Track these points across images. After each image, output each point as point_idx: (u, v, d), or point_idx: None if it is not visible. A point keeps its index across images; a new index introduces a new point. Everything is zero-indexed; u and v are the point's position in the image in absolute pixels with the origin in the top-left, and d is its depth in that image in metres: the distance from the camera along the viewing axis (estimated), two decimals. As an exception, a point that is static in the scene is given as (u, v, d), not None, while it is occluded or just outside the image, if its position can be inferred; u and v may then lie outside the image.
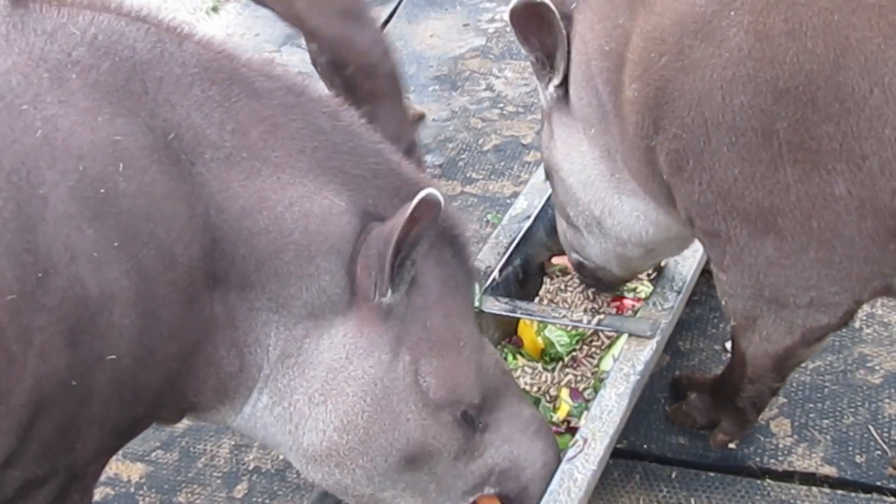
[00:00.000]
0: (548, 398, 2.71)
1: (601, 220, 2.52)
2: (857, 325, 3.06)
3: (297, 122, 1.98)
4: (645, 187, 2.33)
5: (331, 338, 2.04)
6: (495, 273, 2.89)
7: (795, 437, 2.80)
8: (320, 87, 4.21)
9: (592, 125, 2.35)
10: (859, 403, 2.86)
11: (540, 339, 2.90)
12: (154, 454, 3.03)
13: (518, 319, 2.91)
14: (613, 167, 2.39)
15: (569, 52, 2.32)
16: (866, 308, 3.05)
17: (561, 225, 2.79)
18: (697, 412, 2.80)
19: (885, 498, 2.64)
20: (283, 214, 1.94)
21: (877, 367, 2.94)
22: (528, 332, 2.94)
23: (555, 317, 2.76)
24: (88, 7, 1.85)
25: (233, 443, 3.03)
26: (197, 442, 3.05)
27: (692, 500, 2.68)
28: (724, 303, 2.37)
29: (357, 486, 2.15)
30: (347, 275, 2.01)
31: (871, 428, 2.79)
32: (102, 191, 1.71)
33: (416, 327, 2.07)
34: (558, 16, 2.26)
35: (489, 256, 2.94)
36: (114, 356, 1.76)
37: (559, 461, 2.33)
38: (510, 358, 2.84)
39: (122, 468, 2.98)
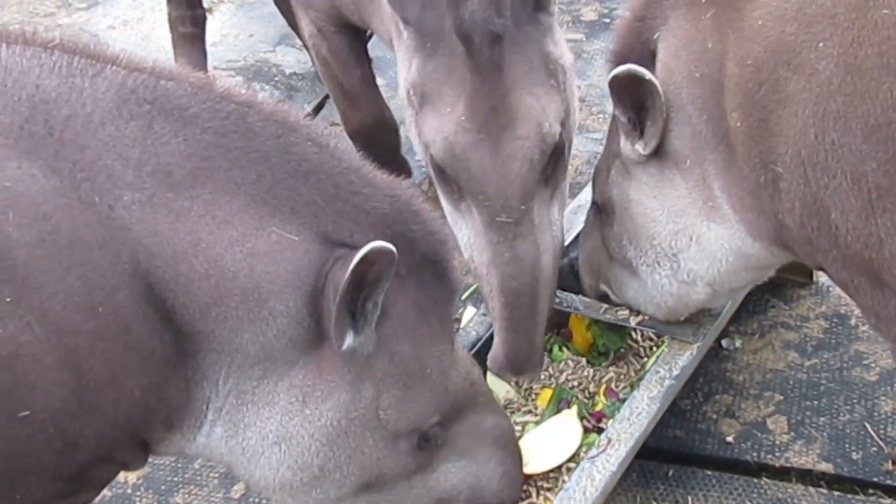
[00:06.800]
0: (587, 394, 2.66)
1: (679, 252, 2.34)
2: (852, 322, 3.06)
3: (233, 150, 1.84)
4: (743, 216, 2.18)
5: (290, 379, 1.94)
6: None
7: (792, 434, 2.80)
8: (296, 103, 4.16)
9: (686, 157, 2.21)
10: (855, 400, 2.86)
11: (590, 334, 2.84)
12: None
13: (570, 312, 2.83)
14: (708, 195, 2.22)
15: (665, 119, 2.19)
16: (862, 305, 3.05)
17: (588, 260, 2.66)
18: None
19: (880, 494, 2.64)
20: (223, 256, 1.81)
21: (872, 365, 2.94)
22: (578, 325, 2.87)
23: (599, 312, 2.70)
24: None
25: (229, 443, 3.02)
26: (193, 443, 3.04)
27: (689, 498, 2.68)
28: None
29: None
30: (312, 312, 1.90)
31: (867, 425, 2.79)
32: None
33: (382, 361, 1.98)
34: (661, 90, 2.14)
35: None
36: (27, 412, 1.67)
37: (520, 472, 2.28)
38: (555, 350, 2.78)
39: (119, 469, 2.98)
